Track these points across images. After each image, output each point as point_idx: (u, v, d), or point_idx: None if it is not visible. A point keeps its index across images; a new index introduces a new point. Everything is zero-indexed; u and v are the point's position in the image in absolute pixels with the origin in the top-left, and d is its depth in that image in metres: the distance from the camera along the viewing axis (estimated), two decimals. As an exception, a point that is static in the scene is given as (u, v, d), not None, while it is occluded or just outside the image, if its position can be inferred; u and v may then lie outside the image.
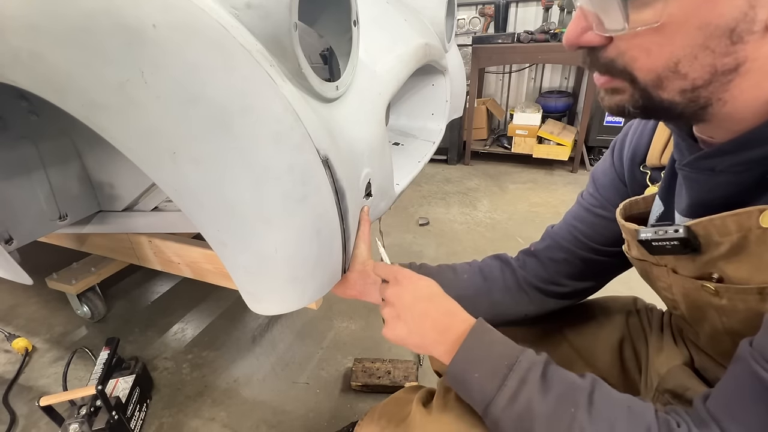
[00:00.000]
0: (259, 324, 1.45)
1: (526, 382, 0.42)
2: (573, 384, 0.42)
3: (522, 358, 0.44)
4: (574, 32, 0.38)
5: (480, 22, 3.09)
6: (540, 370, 0.43)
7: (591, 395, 0.41)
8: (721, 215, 0.39)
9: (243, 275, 0.59)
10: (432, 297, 0.51)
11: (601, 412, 0.40)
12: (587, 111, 2.65)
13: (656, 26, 0.33)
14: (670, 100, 0.36)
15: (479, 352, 0.46)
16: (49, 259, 1.45)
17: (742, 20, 0.31)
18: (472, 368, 0.45)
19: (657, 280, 0.53)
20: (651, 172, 0.54)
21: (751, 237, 0.38)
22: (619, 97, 0.39)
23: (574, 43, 0.38)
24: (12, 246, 0.92)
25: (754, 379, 0.35)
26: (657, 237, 0.44)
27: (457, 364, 0.46)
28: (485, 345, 0.46)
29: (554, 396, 0.41)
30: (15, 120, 0.88)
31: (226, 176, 0.51)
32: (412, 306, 0.51)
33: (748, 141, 0.36)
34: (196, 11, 0.46)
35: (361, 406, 1.12)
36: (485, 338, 0.47)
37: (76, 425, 0.93)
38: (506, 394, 0.42)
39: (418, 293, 0.51)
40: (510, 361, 0.44)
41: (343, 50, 0.68)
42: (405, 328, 0.50)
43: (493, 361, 0.45)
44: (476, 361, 0.45)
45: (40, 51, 0.45)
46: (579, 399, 0.40)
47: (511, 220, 2.19)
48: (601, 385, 0.43)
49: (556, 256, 0.65)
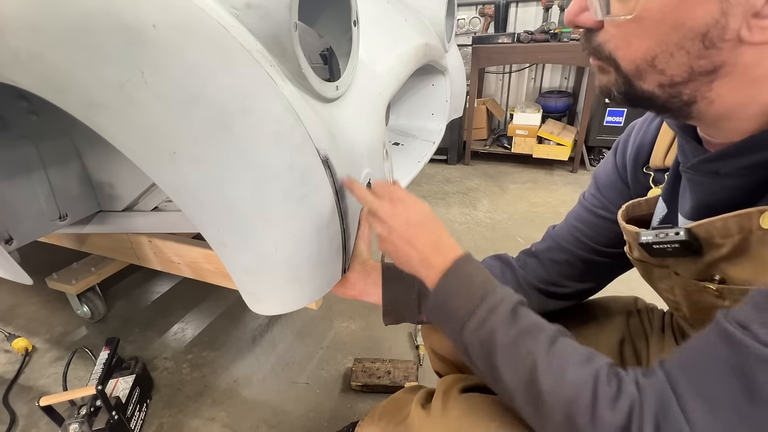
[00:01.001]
0: (259, 324, 1.45)
1: (494, 313, 0.44)
2: (539, 326, 0.43)
3: (498, 290, 0.46)
4: (573, 10, 0.39)
5: (480, 22, 3.09)
6: (511, 306, 0.44)
7: (554, 339, 0.41)
8: (722, 217, 0.39)
9: (243, 275, 0.59)
10: (424, 223, 0.52)
11: (558, 354, 0.40)
12: (587, 111, 2.64)
13: (632, 18, 0.34)
14: (650, 92, 0.37)
15: (460, 282, 0.48)
16: (49, 259, 1.45)
17: (713, 26, 0.31)
18: (452, 297, 0.47)
19: (659, 282, 0.53)
20: (654, 173, 0.54)
21: (753, 238, 0.37)
22: (606, 78, 0.40)
23: (572, 20, 0.40)
24: (12, 246, 0.92)
25: (719, 334, 0.34)
26: (658, 240, 0.44)
27: (438, 294, 0.48)
28: (466, 276, 0.48)
29: (517, 330, 0.42)
30: (15, 120, 0.88)
31: (227, 176, 0.51)
32: (403, 229, 0.52)
33: (753, 145, 0.36)
34: (196, 11, 0.46)
35: (361, 406, 1.12)
36: (467, 269, 0.49)
37: (76, 425, 0.93)
38: (475, 320, 0.45)
39: (411, 217, 0.52)
40: (485, 293, 0.46)
41: (343, 50, 0.68)
42: (393, 246, 0.52)
43: (472, 290, 0.47)
44: (456, 290, 0.47)
45: (40, 51, 0.45)
46: (541, 339, 0.41)
47: (511, 220, 2.19)
48: (567, 335, 0.43)
49: (557, 256, 0.65)
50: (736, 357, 0.32)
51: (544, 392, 0.39)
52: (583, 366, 0.39)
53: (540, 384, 0.39)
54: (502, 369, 0.42)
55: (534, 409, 0.40)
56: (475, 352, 0.45)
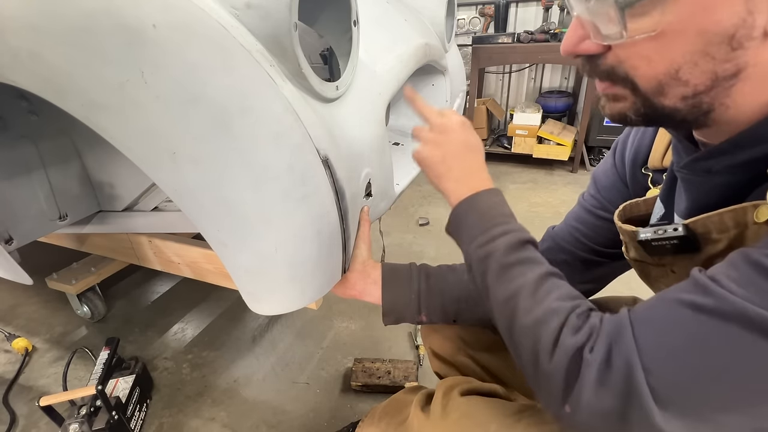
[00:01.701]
0: (259, 324, 1.45)
1: (495, 239, 0.47)
2: (540, 261, 0.45)
3: (512, 222, 0.49)
4: (572, 41, 0.38)
5: (480, 22, 3.09)
6: (524, 238, 0.47)
7: (547, 275, 0.43)
8: (718, 212, 0.39)
9: (243, 275, 0.59)
10: (475, 149, 0.56)
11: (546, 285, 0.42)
12: (587, 111, 2.64)
13: (654, 34, 0.33)
14: (672, 107, 0.36)
15: (484, 204, 0.51)
16: (49, 259, 1.45)
17: (741, 26, 0.31)
18: (472, 213, 0.51)
19: (657, 281, 0.53)
20: (653, 174, 0.54)
21: (748, 233, 0.38)
22: (620, 104, 0.39)
23: (572, 51, 0.38)
24: (12, 246, 0.92)
25: (688, 282, 0.35)
26: (656, 236, 0.44)
27: (462, 206, 0.52)
28: (491, 203, 0.51)
29: (517, 258, 0.45)
30: (15, 120, 0.88)
31: (226, 176, 0.51)
32: (456, 144, 0.55)
33: (742, 141, 0.36)
34: (196, 11, 0.46)
35: (361, 406, 1.12)
36: (494, 199, 0.52)
37: (76, 425, 0.93)
38: (481, 240, 0.48)
39: (468, 140, 0.56)
40: (500, 220, 0.49)
41: (343, 50, 0.68)
42: (440, 155, 0.55)
43: (491, 213, 0.50)
44: (477, 209, 0.51)
45: (40, 51, 0.45)
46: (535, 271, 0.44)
47: (511, 220, 2.19)
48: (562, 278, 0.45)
49: (556, 257, 0.65)
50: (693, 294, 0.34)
51: (519, 313, 0.41)
52: (563, 300, 0.41)
53: (518, 304, 0.42)
54: (492, 286, 0.45)
55: (508, 328, 0.42)
56: (475, 267, 0.47)
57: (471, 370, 0.72)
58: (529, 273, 0.43)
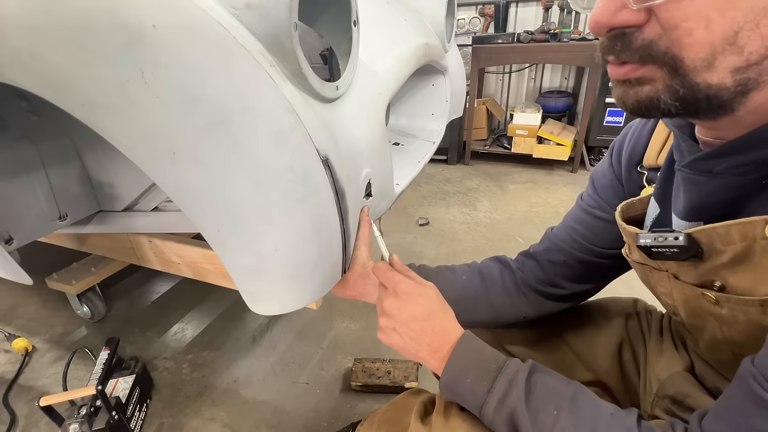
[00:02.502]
0: (259, 324, 1.45)
1: (514, 384, 0.44)
2: (556, 388, 0.44)
3: (509, 362, 0.46)
4: (609, 10, 0.32)
5: (480, 22, 3.09)
6: (526, 374, 0.45)
7: (574, 398, 0.42)
8: (725, 224, 0.38)
9: (243, 275, 0.59)
10: (429, 316, 0.51)
11: (584, 414, 0.41)
12: (587, 111, 2.64)
13: None
14: (717, 85, 0.31)
15: (469, 358, 0.48)
16: (49, 259, 1.45)
17: None
18: (463, 375, 0.47)
19: (657, 285, 0.52)
20: (648, 172, 0.53)
21: (756, 247, 0.37)
22: (648, 88, 0.34)
23: (608, 23, 0.33)
24: (12, 246, 0.92)
25: (752, 399, 0.34)
26: (656, 244, 0.43)
27: (450, 372, 0.48)
28: (474, 351, 0.49)
29: (538, 398, 0.43)
30: (15, 120, 0.88)
31: (226, 176, 0.51)
32: (408, 324, 0.51)
33: (747, 143, 0.35)
34: (196, 11, 0.46)
35: (361, 407, 1.12)
36: (473, 345, 0.49)
37: (76, 425, 0.93)
38: (496, 395, 0.45)
39: (416, 312, 0.51)
40: (498, 365, 0.46)
41: (343, 50, 0.68)
42: (400, 340, 0.52)
43: (483, 365, 0.47)
44: (466, 367, 0.48)
45: (39, 51, 0.45)
46: (562, 402, 0.42)
47: (511, 220, 2.19)
48: (584, 390, 0.44)
49: (555, 258, 0.65)
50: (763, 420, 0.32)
51: None
52: (612, 424, 0.39)
53: None
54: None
55: None
56: (502, 427, 0.44)
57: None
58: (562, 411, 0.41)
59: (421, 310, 0.52)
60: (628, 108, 0.36)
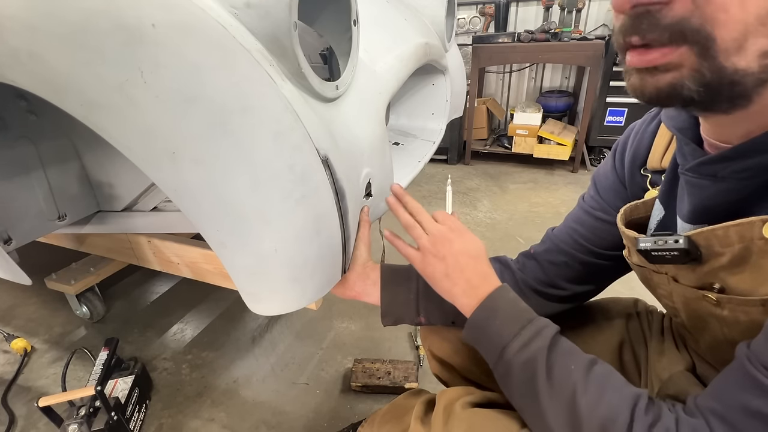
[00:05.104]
0: (259, 324, 1.44)
1: (539, 335, 0.46)
2: (578, 351, 0.46)
3: (541, 318, 0.48)
4: None
5: (480, 21, 3.09)
6: (553, 331, 0.47)
7: (593, 362, 0.44)
8: (723, 225, 0.38)
9: (243, 275, 0.59)
10: (478, 257, 0.54)
11: (597, 377, 0.42)
12: (588, 111, 2.64)
13: None
14: (744, 70, 0.29)
15: (503, 304, 0.50)
16: (48, 259, 1.45)
17: None
18: (494, 316, 0.49)
19: (657, 288, 0.52)
20: (651, 175, 0.53)
21: (754, 248, 0.37)
22: (671, 75, 0.32)
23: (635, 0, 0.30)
24: (11, 246, 0.92)
25: (745, 378, 0.35)
26: (657, 247, 0.43)
27: (481, 312, 0.50)
28: (509, 301, 0.50)
29: (560, 353, 0.45)
30: (14, 120, 0.88)
31: (226, 176, 0.51)
32: (456, 255, 0.53)
33: (751, 148, 0.35)
34: (196, 11, 0.46)
35: (361, 407, 1.12)
36: (511, 295, 0.51)
37: (75, 426, 0.92)
38: (521, 340, 0.46)
39: (467, 248, 0.54)
40: (530, 316, 0.48)
41: (343, 50, 0.68)
42: (443, 268, 0.53)
43: (515, 313, 0.49)
44: (499, 310, 0.49)
45: (39, 51, 0.45)
46: (580, 362, 0.44)
47: (512, 220, 2.18)
48: (604, 363, 0.45)
49: (555, 259, 0.64)
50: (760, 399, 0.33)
51: (582, 412, 0.40)
52: (621, 390, 0.41)
53: (578, 404, 0.40)
54: (543, 391, 0.43)
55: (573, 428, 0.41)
56: (517, 371, 0.46)
57: (470, 372, 0.71)
58: (577, 369, 0.43)
59: (472, 246, 0.54)
60: (646, 97, 0.34)
